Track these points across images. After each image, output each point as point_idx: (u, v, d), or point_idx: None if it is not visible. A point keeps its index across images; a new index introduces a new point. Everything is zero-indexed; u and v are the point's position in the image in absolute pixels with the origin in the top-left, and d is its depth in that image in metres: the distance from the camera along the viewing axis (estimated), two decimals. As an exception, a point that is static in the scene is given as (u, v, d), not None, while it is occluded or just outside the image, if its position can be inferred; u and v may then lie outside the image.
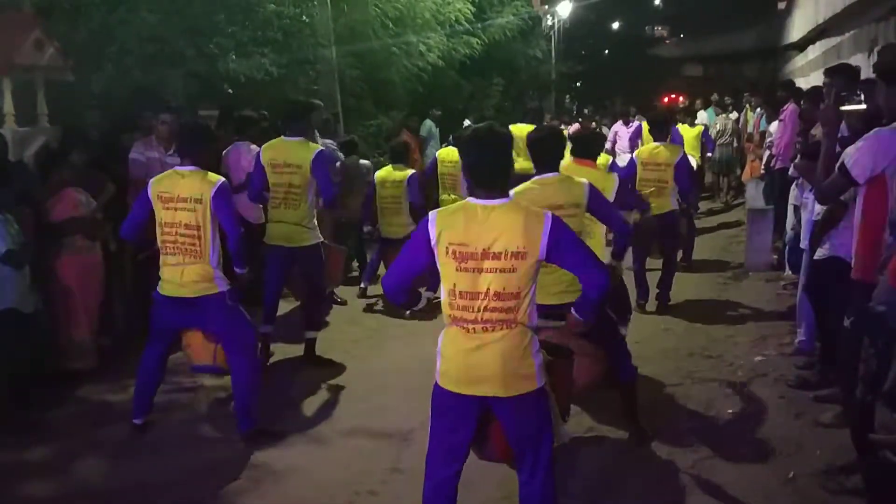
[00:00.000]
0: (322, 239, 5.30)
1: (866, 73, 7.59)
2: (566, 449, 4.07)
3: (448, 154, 7.67)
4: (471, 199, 2.65)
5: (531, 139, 3.94)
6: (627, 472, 3.85)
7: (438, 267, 2.66)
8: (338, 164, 7.39)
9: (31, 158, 5.54)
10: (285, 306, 6.41)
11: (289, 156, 5.04)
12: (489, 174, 2.64)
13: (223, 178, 4.14)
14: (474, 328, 2.63)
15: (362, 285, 7.22)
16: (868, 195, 3.25)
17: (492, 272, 2.57)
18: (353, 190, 7.34)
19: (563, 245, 2.61)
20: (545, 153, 3.84)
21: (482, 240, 2.57)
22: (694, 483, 3.70)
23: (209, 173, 4.11)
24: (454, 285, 2.63)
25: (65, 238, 5.05)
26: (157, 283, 4.18)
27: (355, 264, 7.84)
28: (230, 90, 8.39)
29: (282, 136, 5.15)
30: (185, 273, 4.02)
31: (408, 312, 2.97)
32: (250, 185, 5.30)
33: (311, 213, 5.17)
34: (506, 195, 2.65)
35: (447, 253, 2.60)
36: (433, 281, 6.32)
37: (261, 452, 4.12)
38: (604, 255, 4.72)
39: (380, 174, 7.09)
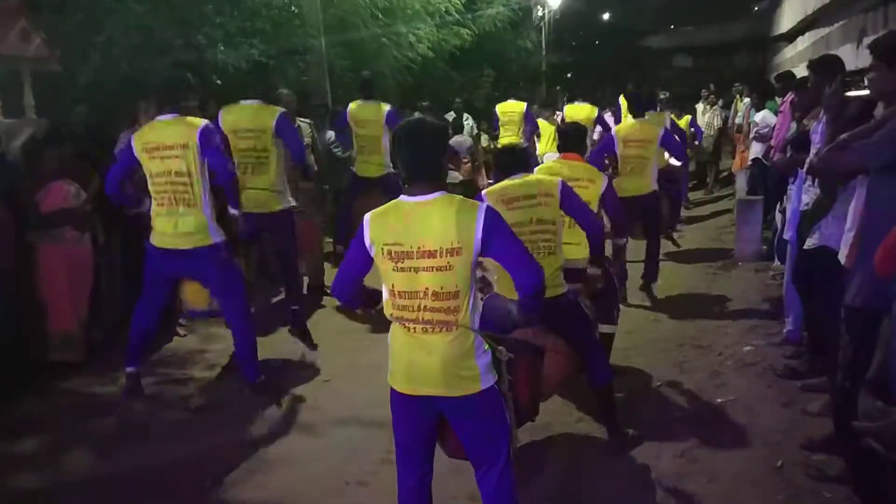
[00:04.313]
0: (294, 203, 5.28)
1: (854, 64, 7.61)
2: (555, 438, 4.11)
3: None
4: (403, 198, 2.59)
5: (496, 160, 4.04)
6: (616, 462, 3.86)
7: (378, 267, 2.63)
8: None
9: (18, 150, 5.50)
10: (269, 299, 6.42)
11: (250, 121, 4.99)
12: (422, 169, 2.57)
13: (206, 121, 4.13)
14: (414, 328, 2.59)
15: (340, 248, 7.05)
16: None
17: (428, 271, 2.51)
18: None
19: (497, 237, 2.53)
20: (508, 165, 3.85)
21: (415, 238, 2.51)
22: (682, 472, 3.72)
23: (191, 118, 4.10)
24: (393, 285, 2.60)
25: (54, 229, 5.02)
26: (150, 237, 4.20)
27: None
28: (218, 81, 8.33)
29: (240, 102, 5.09)
30: (179, 224, 4.02)
31: (366, 312, 2.94)
32: None
33: (281, 178, 5.11)
34: (439, 190, 2.56)
35: (383, 253, 2.56)
36: None
37: (251, 443, 4.13)
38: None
39: (352, 111, 6.94)
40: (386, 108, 6.86)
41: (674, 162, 7.69)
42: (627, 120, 6.77)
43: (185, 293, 4.49)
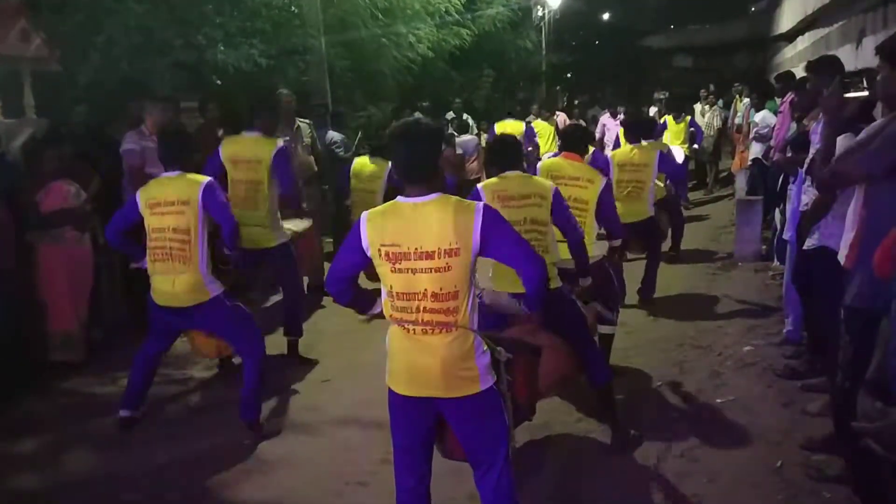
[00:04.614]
0: (288, 237, 5.21)
1: (854, 64, 7.62)
2: (555, 438, 4.11)
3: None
4: (400, 199, 2.60)
5: (490, 150, 4.01)
6: (616, 462, 3.86)
7: (377, 269, 2.63)
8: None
9: (19, 150, 5.50)
10: (271, 299, 6.41)
11: (249, 151, 4.94)
12: (417, 169, 2.57)
13: (209, 178, 4.13)
14: (414, 329, 2.59)
15: None
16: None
17: (426, 272, 2.51)
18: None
19: (496, 236, 2.54)
20: (500, 158, 3.86)
21: (413, 239, 2.51)
22: (682, 473, 3.72)
23: (194, 175, 4.10)
24: (391, 287, 2.60)
25: (54, 230, 5.03)
26: (148, 280, 4.17)
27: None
28: (218, 81, 8.34)
29: (243, 132, 5.06)
30: (176, 283, 4.01)
31: (364, 317, 2.92)
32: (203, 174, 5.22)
33: (275, 212, 5.05)
34: (434, 191, 2.57)
35: (380, 255, 2.56)
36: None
37: (251, 444, 4.13)
38: (592, 249, 4.68)
39: (355, 166, 6.98)
40: (388, 165, 6.68)
41: (675, 157, 7.63)
42: (625, 146, 6.71)
43: (194, 341, 4.50)
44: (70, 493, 3.73)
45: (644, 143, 6.50)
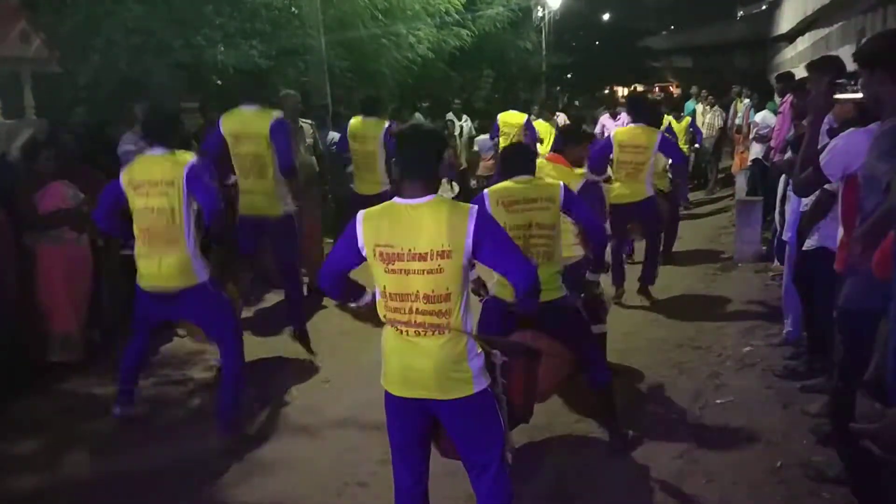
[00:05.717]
0: (295, 208, 5.20)
1: (854, 65, 7.61)
2: (555, 438, 4.11)
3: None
4: (396, 199, 2.62)
5: (501, 156, 3.97)
6: (614, 463, 3.87)
7: (370, 268, 2.64)
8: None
9: (18, 151, 5.51)
10: (270, 300, 6.41)
11: (248, 126, 4.95)
12: (415, 171, 2.60)
13: (194, 157, 4.08)
14: (407, 330, 2.60)
15: None
16: (845, 192, 3.25)
17: (419, 273, 2.52)
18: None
19: (488, 241, 2.55)
20: (511, 165, 3.83)
21: (407, 240, 2.53)
22: (681, 474, 3.72)
23: (179, 154, 4.06)
24: (384, 287, 2.61)
25: (51, 230, 5.03)
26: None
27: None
28: (218, 81, 8.35)
29: (239, 106, 5.05)
30: (162, 263, 3.96)
31: (352, 305, 2.96)
32: (203, 150, 5.16)
33: (281, 183, 5.04)
34: (431, 193, 2.59)
35: (374, 255, 2.58)
36: None
37: (250, 445, 4.13)
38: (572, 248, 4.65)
39: (351, 127, 6.76)
40: (385, 124, 6.68)
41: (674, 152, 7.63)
42: (628, 125, 6.71)
43: (188, 325, 4.49)
44: (70, 493, 3.74)
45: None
